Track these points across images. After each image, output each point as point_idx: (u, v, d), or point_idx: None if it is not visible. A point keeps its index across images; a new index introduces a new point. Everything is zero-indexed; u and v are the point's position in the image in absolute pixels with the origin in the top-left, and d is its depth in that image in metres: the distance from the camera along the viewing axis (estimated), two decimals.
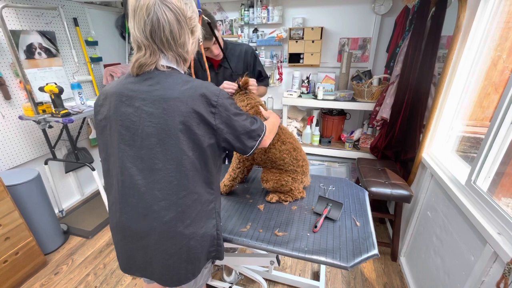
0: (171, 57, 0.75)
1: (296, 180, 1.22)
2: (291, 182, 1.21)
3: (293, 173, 1.21)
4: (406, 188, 1.64)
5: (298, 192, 1.25)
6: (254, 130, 0.83)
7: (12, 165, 2.01)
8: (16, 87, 1.99)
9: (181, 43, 0.74)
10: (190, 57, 0.82)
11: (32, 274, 1.83)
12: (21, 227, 1.68)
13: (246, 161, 1.27)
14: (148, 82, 0.74)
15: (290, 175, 1.21)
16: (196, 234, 0.80)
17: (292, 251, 0.95)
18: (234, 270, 1.67)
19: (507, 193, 1.05)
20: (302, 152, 1.23)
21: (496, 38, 1.24)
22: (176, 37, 0.72)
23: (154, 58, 0.73)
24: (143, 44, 0.71)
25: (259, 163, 1.25)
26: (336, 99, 2.22)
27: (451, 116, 1.49)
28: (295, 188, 1.23)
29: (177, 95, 0.71)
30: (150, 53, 0.72)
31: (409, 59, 1.71)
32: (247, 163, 1.28)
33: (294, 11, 2.37)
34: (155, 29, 0.69)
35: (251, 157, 1.24)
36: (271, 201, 1.24)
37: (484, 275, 0.98)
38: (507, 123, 0.99)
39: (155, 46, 0.72)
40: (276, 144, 1.15)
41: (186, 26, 0.73)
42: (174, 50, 0.74)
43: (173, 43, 0.72)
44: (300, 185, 1.27)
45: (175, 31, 0.71)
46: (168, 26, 0.69)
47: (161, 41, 0.71)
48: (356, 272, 1.79)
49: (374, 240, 1.00)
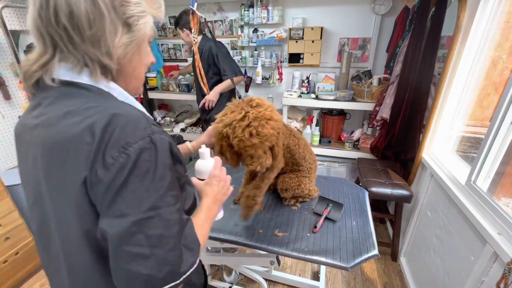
0: (74, 61, 0.44)
1: (312, 180, 1.19)
2: (309, 184, 1.17)
3: (308, 173, 1.17)
4: (406, 188, 1.64)
5: (315, 191, 1.23)
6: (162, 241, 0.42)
7: (12, 165, 2.02)
8: (16, 87, 1.99)
9: (93, 37, 0.43)
10: (124, 66, 0.49)
11: (32, 274, 1.83)
12: (21, 227, 1.68)
13: (270, 173, 1.03)
14: (36, 110, 0.47)
15: (307, 176, 1.16)
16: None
17: (292, 251, 0.95)
18: (234, 270, 1.67)
19: (507, 193, 1.05)
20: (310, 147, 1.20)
21: (496, 38, 1.24)
22: (81, 24, 0.41)
23: (42, 60, 0.44)
24: (34, 36, 0.44)
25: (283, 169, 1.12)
26: (336, 99, 2.22)
27: (451, 116, 1.49)
28: (312, 188, 1.20)
29: (54, 136, 0.43)
30: (41, 52, 0.45)
31: (409, 59, 1.71)
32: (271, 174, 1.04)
33: (294, 11, 2.37)
34: (43, 3, 0.41)
35: (283, 163, 1.06)
36: (293, 208, 1.19)
37: (484, 275, 0.98)
38: (507, 123, 0.99)
39: (47, 39, 0.43)
40: (300, 141, 1.08)
41: (109, 12, 0.43)
42: (79, 48, 0.43)
43: (76, 35, 0.42)
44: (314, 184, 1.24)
45: (79, 11, 0.41)
46: (64, 3, 0.40)
47: (57, 30, 0.42)
48: (356, 272, 1.79)
49: (374, 240, 1.00)
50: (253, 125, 0.77)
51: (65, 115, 0.43)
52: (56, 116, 0.43)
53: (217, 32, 2.62)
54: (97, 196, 0.40)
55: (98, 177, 0.39)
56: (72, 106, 0.43)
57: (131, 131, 0.41)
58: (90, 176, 0.40)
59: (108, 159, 0.39)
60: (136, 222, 0.39)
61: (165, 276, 0.41)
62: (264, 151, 0.83)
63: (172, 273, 0.42)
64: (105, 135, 0.40)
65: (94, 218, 0.42)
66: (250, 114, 0.77)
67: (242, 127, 0.77)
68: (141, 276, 0.39)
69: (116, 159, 0.39)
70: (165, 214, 0.42)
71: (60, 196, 0.44)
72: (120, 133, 0.40)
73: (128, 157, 0.40)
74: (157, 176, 0.42)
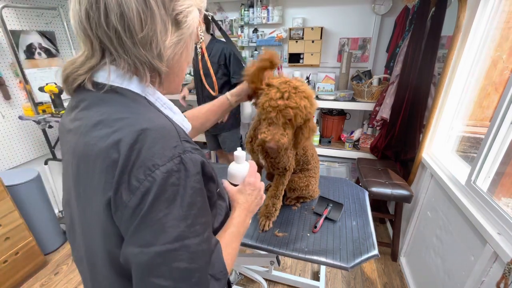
0: (124, 65, 0.42)
1: (317, 180, 1.17)
2: (315, 184, 1.15)
3: (314, 172, 1.15)
4: (406, 188, 1.64)
5: (317, 192, 1.21)
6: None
7: (12, 165, 2.01)
8: (16, 87, 1.99)
9: (144, 39, 0.40)
10: (172, 67, 0.46)
11: (32, 274, 1.82)
12: (21, 227, 1.68)
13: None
14: (73, 113, 0.45)
15: (313, 176, 1.14)
16: None
17: (292, 251, 0.95)
18: (234, 270, 1.67)
19: (507, 193, 1.05)
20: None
21: (496, 38, 1.24)
22: (133, 26, 0.39)
23: (89, 64, 0.42)
24: (80, 38, 0.42)
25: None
26: (336, 99, 2.22)
27: (451, 116, 1.49)
28: (316, 189, 1.19)
29: (83, 148, 0.41)
30: (88, 54, 0.42)
31: (409, 59, 1.71)
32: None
33: (294, 11, 2.37)
34: (93, 5, 0.38)
35: (294, 165, 1.03)
36: (293, 208, 1.18)
37: (484, 275, 0.98)
38: (507, 123, 0.99)
39: (95, 42, 0.40)
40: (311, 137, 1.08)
41: (159, 9, 0.40)
42: (131, 51, 0.40)
43: (127, 37, 0.39)
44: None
45: (130, 12, 0.38)
46: (116, 4, 0.37)
47: (108, 33, 0.39)
48: (356, 272, 1.79)
49: (374, 240, 1.00)
50: (288, 90, 0.75)
51: (95, 125, 0.40)
52: (87, 125, 0.41)
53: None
54: (121, 220, 0.37)
55: (123, 200, 0.36)
56: (103, 115, 0.41)
57: (160, 151, 0.37)
58: (115, 199, 0.37)
59: (133, 182, 0.36)
60: (161, 253, 0.36)
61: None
62: (284, 122, 0.77)
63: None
64: (131, 154, 0.36)
65: (118, 241, 0.40)
66: (292, 82, 0.77)
67: (278, 87, 0.76)
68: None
69: (142, 183, 0.36)
70: (192, 246, 0.39)
71: (87, 209, 0.42)
72: (147, 152, 0.37)
73: (154, 181, 0.36)
74: (186, 202, 0.38)
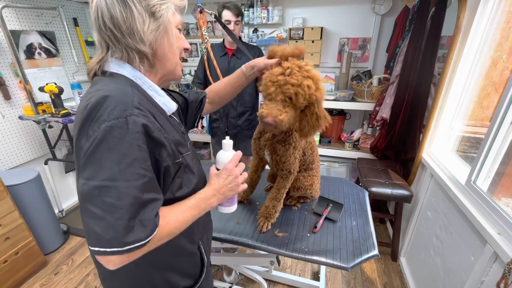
0: (119, 54, 0.56)
1: (319, 179, 1.17)
2: (317, 184, 1.15)
3: (317, 172, 1.14)
4: (406, 188, 1.64)
5: (317, 192, 1.21)
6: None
7: (12, 165, 2.01)
8: (16, 87, 1.99)
9: (128, 30, 0.54)
10: (156, 49, 0.59)
11: (32, 274, 1.83)
12: (21, 227, 1.68)
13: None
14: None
15: (316, 175, 1.14)
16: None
17: (292, 251, 0.95)
18: (234, 270, 1.67)
19: (507, 193, 1.05)
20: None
21: (496, 38, 1.24)
22: (119, 23, 0.53)
23: (98, 58, 0.59)
24: (96, 39, 0.59)
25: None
26: (336, 99, 2.22)
27: (451, 116, 1.49)
28: (318, 189, 1.18)
29: (77, 108, 0.58)
30: (100, 51, 0.59)
31: (409, 59, 1.71)
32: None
33: (294, 11, 2.37)
34: (97, 16, 0.54)
35: (298, 167, 1.03)
36: (293, 208, 1.18)
37: (484, 275, 0.98)
38: (507, 123, 0.99)
39: (102, 42, 0.57)
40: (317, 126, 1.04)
41: (136, 6, 0.53)
42: (122, 42, 0.55)
43: (117, 32, 0.54)
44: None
45: (116, 14, 0.52)
46: (105, 8, 0.52)
47: (106, 33, 0.55)
48: (356, 272, 1.79)
49: (374, 240, 1.00)
50: (291, 67, 0.74)
51: (85, 94, 0.56)
52: (84, 95, 0.57)
53: (217, 32, 2.62)
54: (78, 158, 0.50)
55: (81, 144, 0.49)
56: (92, 88, 0.56)
57: (111, 111, 0.48)
58: (76, 143, 0.50)
59: (89, 132, 0.48)
60: (97, 187, 0.47)
61: (110, 240, 0.46)
62: (284, 100, 0.74)
63: (115, 239, 0.46)
64: (92, 112, 0.49)
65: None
66: (299, 63, 0.75)
67: (283, 65, 0.76)
68: (94, 232, 0.46)
69: (94, 133, 0.48)
70: (121, 187, 0.47)
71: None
72: (103, 111, 0.48)
73: (100, 131, 0.47)
74: (121, 152, 0.48)
